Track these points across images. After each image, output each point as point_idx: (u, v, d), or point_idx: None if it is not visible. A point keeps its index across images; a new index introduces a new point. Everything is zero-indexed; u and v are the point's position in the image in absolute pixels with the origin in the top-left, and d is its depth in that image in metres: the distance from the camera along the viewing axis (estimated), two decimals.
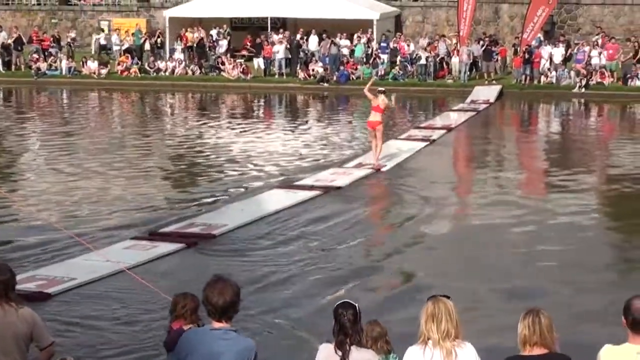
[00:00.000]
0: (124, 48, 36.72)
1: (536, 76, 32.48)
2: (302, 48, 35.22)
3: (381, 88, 20.97)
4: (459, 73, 33.29)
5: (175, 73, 35.12)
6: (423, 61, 33.42)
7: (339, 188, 17.28)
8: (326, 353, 5.69)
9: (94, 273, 11.90)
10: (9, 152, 22.08)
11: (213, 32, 36.81)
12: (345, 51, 35.04)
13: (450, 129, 24.87)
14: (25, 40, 36.76)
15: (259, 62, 35.28)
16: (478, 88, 31.48)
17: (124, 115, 30.12)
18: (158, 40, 36.77)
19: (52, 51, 36.55)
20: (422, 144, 22.22)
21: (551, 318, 5.19)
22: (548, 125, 28.53)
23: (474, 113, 27.82)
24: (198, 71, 35.22)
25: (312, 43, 35.38)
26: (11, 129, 25.80)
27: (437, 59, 33.82)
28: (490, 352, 6.10)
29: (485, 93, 30.77)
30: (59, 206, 16.22)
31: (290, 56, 34.72)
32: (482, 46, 33.60)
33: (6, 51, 36.36)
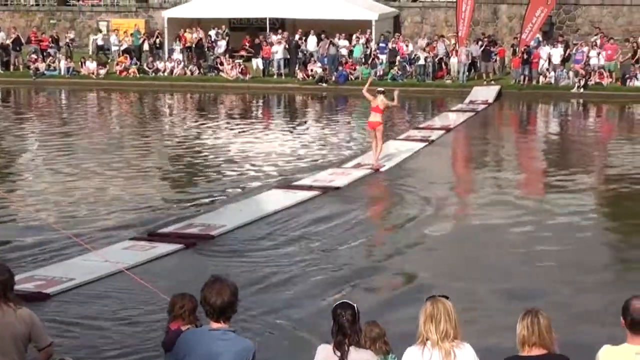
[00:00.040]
0: (123, 48, 36.71)
1: (535, 76, 32.49)
2: (301, 48, 35.23)
3: (380, 88, 20.98)
4: (458, 73, 33.29)
5: (173, 73, 35.11)
6: (422, 61, 33.42)
7: (338, 188, 17.28)
8: (325, 354, 5.68)
9: (93, 273, 11.89)
10: (8, 153, 22.06)
11: (212, 33, 36.79)
12: (343, 51, 35.05)
13: (449, 130, 24.87)
14: (23, 40, 36.73)
15: (258, 63, 35.28)
16: (477, 88, 31.49)
17: (123, 115, 30.10)
18: (157, 40, 36.77)
19: (51, 51, 36.54)
20: (421, 145, 22.22)
21: (550, 318, 5.19)
22: (547, 125, 28.53)
23: (473, 113, 27.83)
24: (197, 71, 35.22)
25: (311, 43, 35.39)
26: (10, 130, 25.77)
27: (436, 60, 33.83)
28: (489, 353, 6.10)
29: (483, 93, 30.77)
30: (58, 206, 16.22)
31: (288, 56, 34.71)
32: (481, 47, 33.61)
33: (5, 51, 36.36)
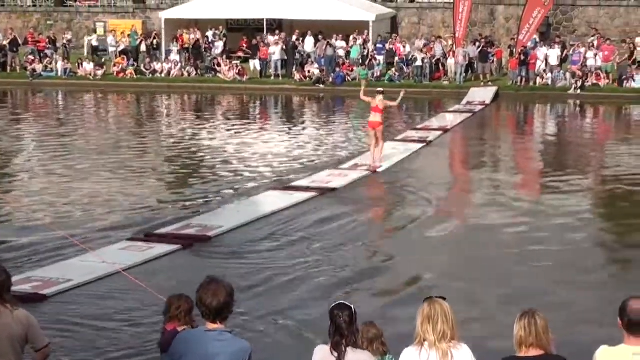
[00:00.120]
0: (120, 49, 36.70)
1: (532, 78, 32.53)
2: (298, 49, 35.25)
3: (380, 88, 21.04)
4: (455, 74, 33.32)
5: (171, 74, 35.11)
6: (419, 63, 33.45)
7: (335, 189, 17.28)
8: (322, 354, 5.68)
9: (90, 274, 11.88)
10: (4, 154, 22.02)
11: (209, 34, 36.80)
12: (341, 52, 35.06)
13: (446, 131, 24.89)
14: (20, 41, 36.72)
15: (255, 64, 35.30)
16: (474, 89, 31.51)
17: (120, 116, 30.08)
18: (154, 41, 36.76)
19: (48, 52, 36.54)
20: (419, 146, 22.24)
21: (547, 319, 5.20)
22: (544, 126, 28.55)
23: (470, 114, 27.85)
24: (194, 72, 35.22)
25: (308, 44, 35.40)
26: (6, 131, 25.75)
27: (433, 61, 33.85)
28: (488, 353, 6.10)
29: (481, 94, 30.79)
30: (54, 207, 16.20)
31: (286, 57, 34.73)
32: (478, 48, 33.65)
33: (1, 52, 36.32)
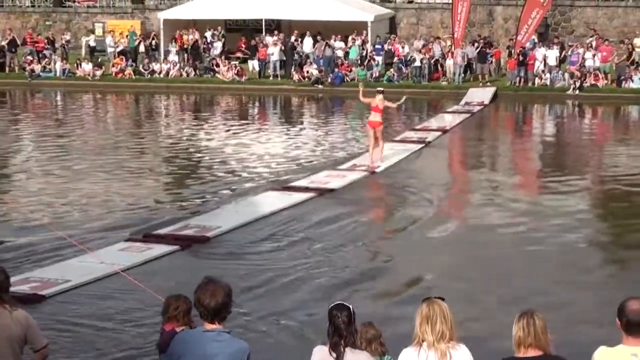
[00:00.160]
0: (119, 50, 36.69)
1: (530, 78, 32.54)
2: (297, 50, 35.24)
3: (380, 88, 21.07)
4: (454, 75, 33.31)
5: (169, 75, 35.10)
6: (417, 63, 33.44)
7: (333, 190, 17.28)
8: (320, 355, 5.68)
9: (89, 275, 11.88)
10: (3, 154, 22.02)
11: (207, 34, 36.79)
12: (339, 53, 35.05)
13: (445, 131, 24.89)
14: (19, 42, 36.71)
15: (254, 64, 35.30)
16: (472, 90, 31.51)
17: (118, 117, 30.07)
18: (152, 42, 36.75)
19: (46, 53, 36.49)
20: (418, 146, 22.24)
21: (545, 320, 5.20)
22: (542, 127, 28.56)
23: (469, 115, 27.86)
24: (192, 73, 35.21)
25: (307, 45, 35.39)
26: (5, 131, 25.74)
27: (432, 61, 33.86)
28: (488, 353, 6.10)
29: (479, 95, 30.79)
30: (53, 208, 16.19)
31: (284, 58, 34.73)
32: (477, 48, 33.65)
33: (0, 53, 36.29)
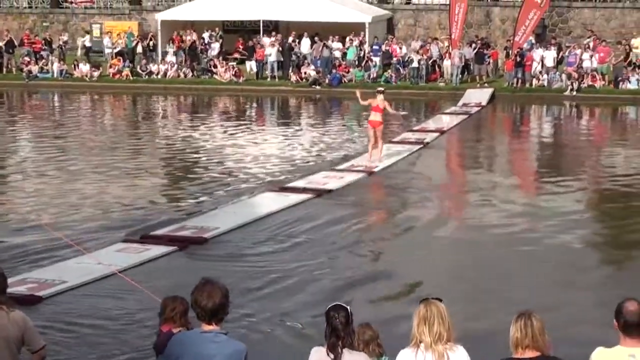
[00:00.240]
0: (116, 51, 36.67)
1: (528, 79, 32.55)
2: (294, 51, 35.23)
3: (380, 88, 21.09)
4: (451, 76, 33.31)
5: (167, 76, 35.08)
6: (415, 64, 33.44)
7: (331, 191, 17.27)
8: (318, 356, 5.68)
9: (86, 276, 11.86)
10: (0, 155, 22.00)
11: (205, 35, 36.78)
12: (337, 54, 35.07)
13: (443, 132, 24.89)
14: (16, 43, 36.67)
15: (251, 65, 35.29)
16: (470, 91, 31.52)
17: (116, 118, 30.06)
18: (150, 43, 36.73)
19: (44, 54, 36.47)
20: (416, 147, 22.24)
21: (543, 321, 5.20)
22: (540, 128, 28.58)
23: (466, 116, 27.87)
24: (190, 74, 35.20)
25: (305, 46, 35.39)
26: (2, 132, 25.72)
27: (429, 62, 33.87)
28: (487, 354, 6.10)
29: (477, 96, 30.81)
30: (50, 208, 16.17)
31: (282, 59, 34.72)
32: (474, 49, 33.65)
33: None
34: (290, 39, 35.54)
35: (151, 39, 36.82)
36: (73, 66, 35.35)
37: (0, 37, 37.03)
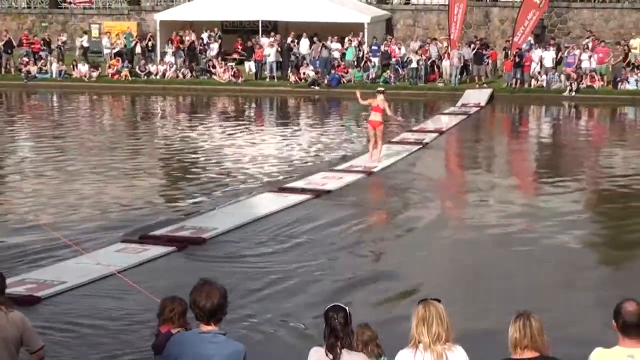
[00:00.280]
0: (115, 51, 36.66)
1: (527, 80, 32.57)
2: (293, 51, 35.24)
3: (380, 88, 21.09)
4: (450, 76, 33.32)
5: (166, 76, 35.07)
6: (414, 64, 33.45)
7: (330, 192, 17.27)
8: (317, 357, 5.67)
9: (85, 276, 11.85)
10: None
11: (204, 36, 36.79)
12: (336, 54, 35.07)
13: (441, 132, 24.90)
14: (15, 43, 36.67)
15: (250, 66, 35.28)
16: (469, 91, 31.54)
17: (114, 118, 30.04)
18: (149, 43, 36.72)
19: (43, 54, 36.47)
20: (415, 147, 22.23)
21: (542, 321, 5.20)
22: (538, 128, 28.60)
23: (465, 116, 27.87)
24: (189, 74, 35.19)
25: (303, 46, 35.40)
26: (0, 132, 25.70)
27: (428, 63, 33.88)
28: (486, 354, 6.09)
29: (476, 96, 30.82)
30: (48, 208, 16.16)
31: (281, 59, 34.72)
32: (473, 50, 33.65)
33: None
34: (289, 40, 35.55)
35: (150, 40, 36.81)
36: (72, 66, 35.34)
37: None
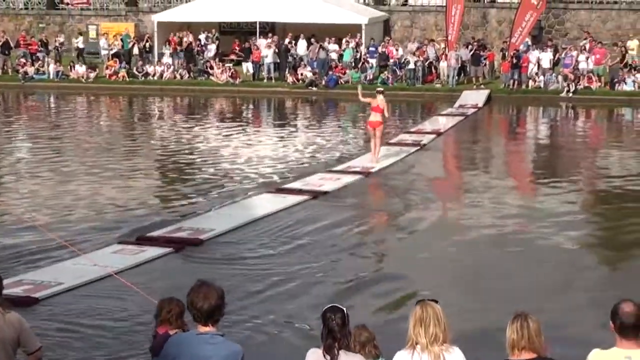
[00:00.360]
0: (112, 52, 36.63)
1: (524, 81, 32.59)
2: (291, 52, 35.25)
3: (380, 88, 21.09)
4: (448, 77, 33.34)
5: (163, 77, 35.06)
6: (412, 65, 33.47)
7: (327, 193, 17.26)
8: (314, 358, 5.66)
9: (82, 277, 11.84)
10: None
11: (201, 37, 36.78)
12: (333, 55, 35.08)
13: (439, 134, 24.90)
14: (12, 44, 36.65)
15: (248, 67, 35.29)
16: (466, 92, 31.56)
17: (111, 119, 30.02)
18: (146, 44, 36.72)
19: (40, 55, 36.44)
20: (413, 149, 22.23)
21: (539, 322, 5.20)
22: (536, 129, 28.61)
23: (463, 117, 27.88)
24: (186, 75, 35.18)
25: (301, 47, 35.41)
26: None
27: (426, 64, 33.89)
28: (486, 354, 6.10)
29: (473, 97, 30.84)
30: (46, 210, 16.13)
31: (278, 60, 34.72)
32: (471, 51, 33.68)
33: None
34: (286, 41, 35.55)
35: (147, 41, 36.80)
36: (69, 67, 35.32)
37: None
